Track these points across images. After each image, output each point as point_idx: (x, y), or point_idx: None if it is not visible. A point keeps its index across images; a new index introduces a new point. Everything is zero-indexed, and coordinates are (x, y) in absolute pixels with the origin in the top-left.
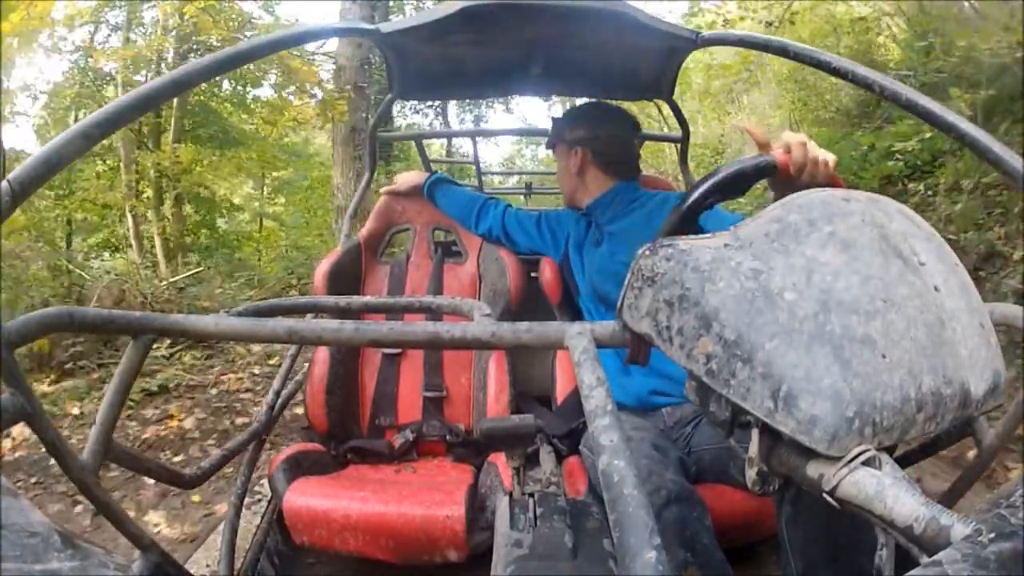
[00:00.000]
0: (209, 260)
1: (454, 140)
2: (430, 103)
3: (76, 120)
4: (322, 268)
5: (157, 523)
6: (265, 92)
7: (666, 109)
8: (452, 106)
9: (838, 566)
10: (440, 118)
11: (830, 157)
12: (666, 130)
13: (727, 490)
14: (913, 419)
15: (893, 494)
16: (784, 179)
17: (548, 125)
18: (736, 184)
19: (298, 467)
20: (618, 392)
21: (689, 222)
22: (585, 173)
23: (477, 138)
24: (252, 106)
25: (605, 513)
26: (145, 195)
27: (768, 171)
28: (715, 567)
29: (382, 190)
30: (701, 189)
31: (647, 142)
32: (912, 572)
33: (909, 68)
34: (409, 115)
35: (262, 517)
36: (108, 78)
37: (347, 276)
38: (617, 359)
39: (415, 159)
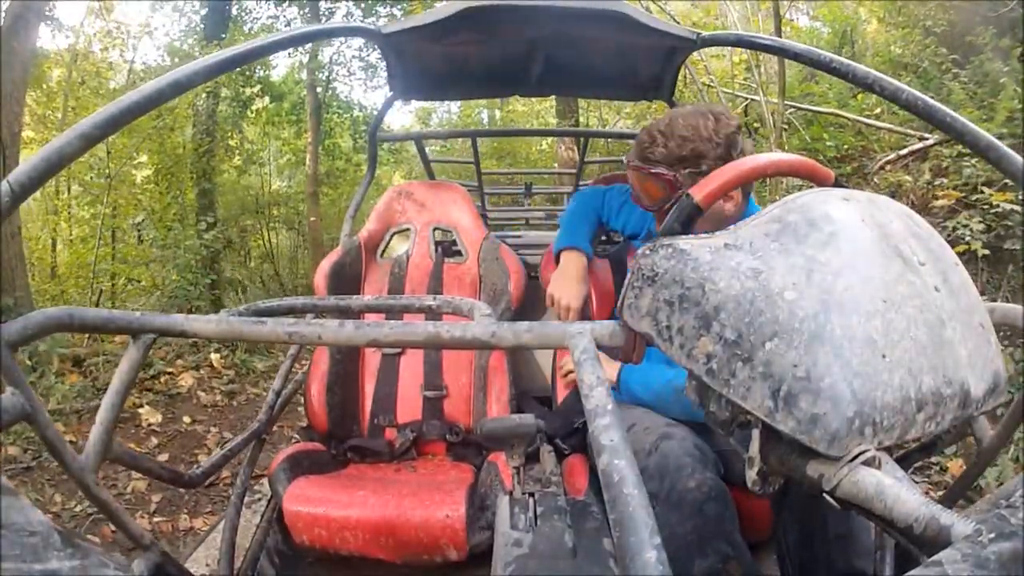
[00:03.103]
0: None
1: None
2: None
3: None
4: (323, 268)
5: None
6: None
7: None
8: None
9: (833, 567)
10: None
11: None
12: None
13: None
14: (913, 419)
15: (893, 494)
16: None
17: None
18: None
19: (298, 467)
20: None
21: None
22: None
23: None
24: None
25: (605, 513)
26: None
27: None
28: (748, 563)
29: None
30: None
31: None
32: (912, 572)
33: None
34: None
35: (262, 517)
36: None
37: (347, 276)
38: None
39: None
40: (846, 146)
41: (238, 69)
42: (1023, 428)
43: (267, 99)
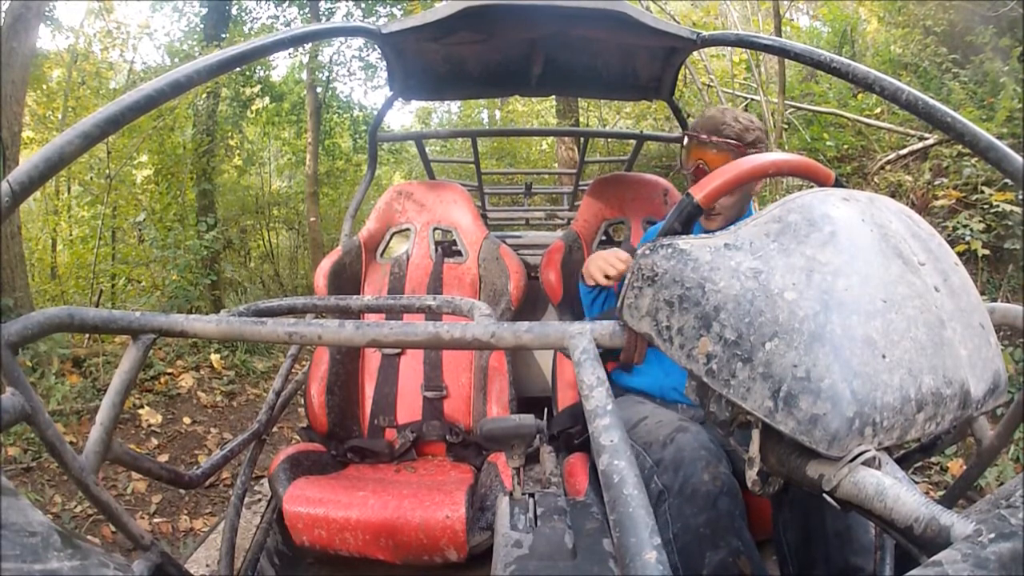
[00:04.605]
0: None
1: None
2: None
3: None
4: (323, 267)
5: None
6: None
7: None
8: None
9: (832, 565)
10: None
11: None
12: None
13: None
14: (913, 419)
15: (893, 494)
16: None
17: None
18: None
19: (298, 467)
20: (644, 382)
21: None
22: None
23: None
24: None
25: (605, 513)
26: None
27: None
28: (757, 559)
29: None
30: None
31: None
32: (912, 572)
33: None
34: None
35: (262, 517)
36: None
37: (347, 275)
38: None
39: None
40: (846, 146)
41: (238, 69)
42: (1023, 428)
43: (267, 99)
